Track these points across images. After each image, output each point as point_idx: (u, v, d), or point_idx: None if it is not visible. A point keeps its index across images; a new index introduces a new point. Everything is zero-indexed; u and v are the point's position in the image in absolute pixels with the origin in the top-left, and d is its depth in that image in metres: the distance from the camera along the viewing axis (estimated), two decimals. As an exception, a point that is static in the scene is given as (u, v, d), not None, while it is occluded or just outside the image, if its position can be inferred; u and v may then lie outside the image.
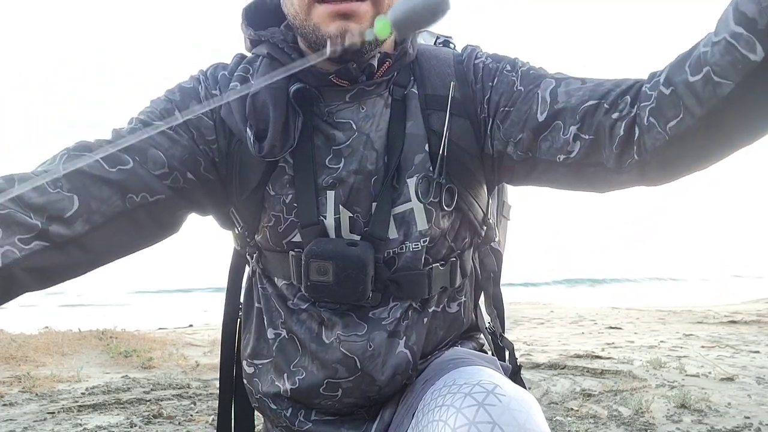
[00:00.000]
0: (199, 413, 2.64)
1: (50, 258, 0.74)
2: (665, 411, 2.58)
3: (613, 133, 0.76)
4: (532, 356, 3.96)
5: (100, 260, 0.81)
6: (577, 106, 0.78)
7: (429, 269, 0.87)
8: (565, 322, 6.46)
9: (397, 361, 0.86)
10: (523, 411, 0.67)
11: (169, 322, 7.21)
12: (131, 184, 0.79)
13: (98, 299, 14.01)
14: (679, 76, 0.69)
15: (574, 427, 2.39)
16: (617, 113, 0.76)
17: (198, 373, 3.52)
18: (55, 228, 0.74)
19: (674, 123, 0.70)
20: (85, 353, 4.00)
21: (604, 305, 8.82)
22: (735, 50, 0.61)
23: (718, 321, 6.00)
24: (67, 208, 0.75)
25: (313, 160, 0.84)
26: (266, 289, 0.91)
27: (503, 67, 0.86)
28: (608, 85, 0.79)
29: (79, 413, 2.62)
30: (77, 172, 0.77)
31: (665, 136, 0.71)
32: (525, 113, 0.82)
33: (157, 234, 0.85)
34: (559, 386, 3.11)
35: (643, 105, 0.73)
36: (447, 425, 0.68)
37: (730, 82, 0.63)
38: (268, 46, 0.85)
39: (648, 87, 0.74)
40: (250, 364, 0.94)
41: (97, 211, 0.77)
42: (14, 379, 3.20)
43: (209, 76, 0.89)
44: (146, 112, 0.85)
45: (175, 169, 0.82)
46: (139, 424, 2.46)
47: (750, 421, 2.43)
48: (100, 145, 0.80)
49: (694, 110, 0.67)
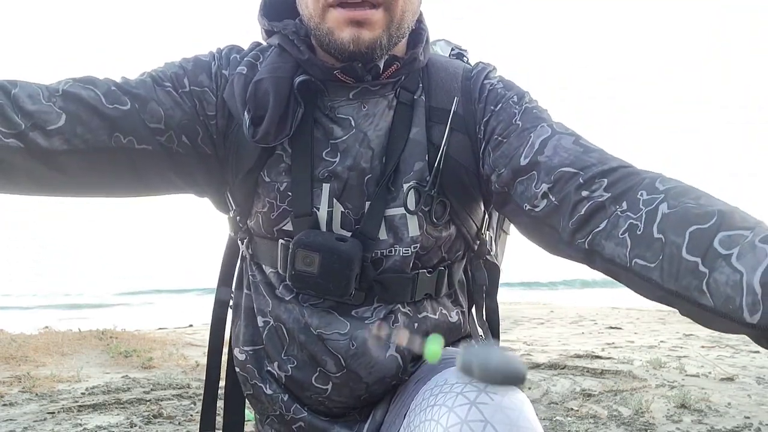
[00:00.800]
0: (199, 413, 2.64)
1: (20, 159, 0.74)
2: (665, 411, 2.58)
3: (576, 209, 0.73)
4: (532, 356, 3.96)
5: (66, 187, 0.81)
6: (555, 168, 0.76)
7: (415, 274, 0.87)
8: (565, 322, 6.46)
9: (388, 365, 0.86)
10: (516, 409, 0.66)
11: (169, 322, 7.22)
12: (122, 124, 0.79)
13: (98, 300, 14.02)
14: (676, 236, 0.62)
15: (574, 427, 2.39)
16: (587, 192, 0.72)
17: (198, 373, 3.52)
18: (34, 135, 0.74)
19: (642, 264, 0.65)
20: (85, 353, 4.01)
21: (604, 305, 8.82)
22: (737, 300, 0.56)
23: (718, 321, 5.99)
24: (51, 122, 0.76)
25: (311, 151, 0.85)
26: (255, 276, 0.92)
27: (510, 96, 0.86)
28: (594, 157, 0.76)
29: (79, 413, 2.62)
30: (75, 95, 0.78)
31: (627, 263, 0.67)
32: (513, 151, 0.81)
33: (131, 185, 0.85)
34: (559, 386, 3.11)
35: (628, 215, 0.68)
36: (439, 424, 0.67)
37: (712, 304, 0.58)
38: (280, 37, 0.86)
39: (643, 199, 0.68)
40: (242, 351, 0.93)
41: (81, 136, 0.77)
42: (14, 379, 3.20)
43: (224, 55, 0.90)
44: (158, 70, 0.86)
45: (171, 129, 0.83)
46: (139, 424, 2.46)
47: (750, 421, 2.43)
48: (106, 84, 0.81)
49: (666, 280, 0.63)
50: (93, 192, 0.84)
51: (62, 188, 0.81)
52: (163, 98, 0.83)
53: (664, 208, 0.66)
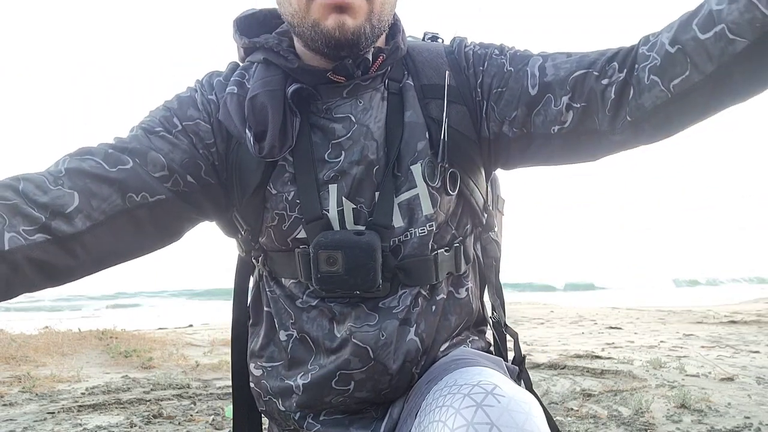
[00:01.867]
0: (199, 413, 2.64)
1: (52, 253, 0.75)
2: (665, 411, 2.58)
3: (605, 97, 0.79)
4: (532, 356, 3.96)
5: (101, 262, 0.81)
6: (566, 77, 0.82)
7: (435, 255, 0.88)
8: (565, 322, 6.46)
9: (407, 348, 0.86)
10: (522, 412, 0.66)
11: (169, 322, 7.22)
12: (131, 184, 0.80)
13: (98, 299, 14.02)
14: (687, 34, 0.72)
15: (574, 427, 2.39)
16: (606, 79, 0.80)
17: (198, 373, 3.52)
18: (57, 223, 0.75)
19: (679, 80, 0.73)
20: (85, 353, 4.01)
21: (604, 305, 8.83)
22: (756, 9, 0.65)
23: (718, 321, 6.00)
24: (68, 204, 0.76)
25: (312, 156, 0.86)
26: (274, 291, 0.92)
27: (491, 52, 0.90)
28: (593, 55, 0.83)
29: (79, 413, 2.62)
30: (78, 170, 0.78)
31: (668, 93, 0.74)
32: (517, 90, 0.85)
33: (158, 238, 0.85)
34: (559, 386, 3.11)
35: (643, 65, 0.76)
36: (446, 426, 0.68)
37: (745, 40, 0.67)
38: (264, 51, 0.87)
39: (645, 48, 0.77)
40: (258, 367, 0.94)
41: (98, 208, 0.78)
42: (14, 379, 3.20)
43: (205, 83, 0.91)
44: (145, 121, 0.87)
45: (175, 172, 0.83)
46: (139, 424, 2.46)
47: (750, 421, 2.43)
48: (102, 149, 0.81)
49: (704, 67, 0.71)
50: (115, 261, 0.83)
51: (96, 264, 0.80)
52: (160, 144, 0.83)
53: (664, 38, 0.75)
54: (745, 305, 8.73)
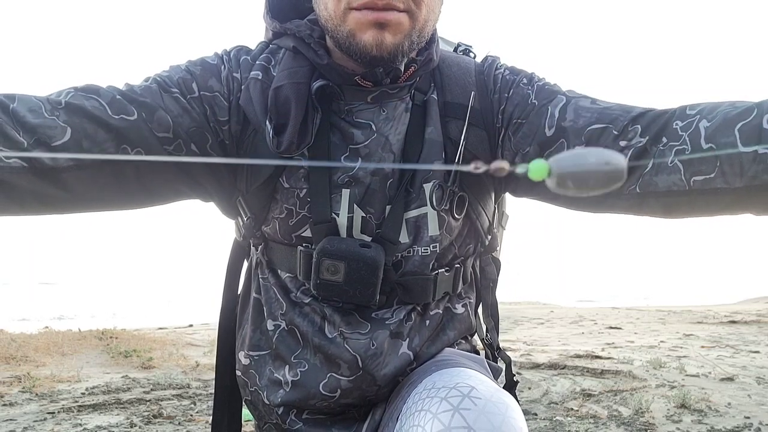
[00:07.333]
0: (199, 413, 2.64)
1: (25, 180, 0.70)
2: (665, 411, 2.58)
3: None
4: (532, 356, 3.95)
5: (73, 205, 0.76)
6: (583, 128, 0.78)
7: (435, 274, 0.88)
8: (565, 322, 6.46)
9: (399, 363, 0.86)
10: (499, 414, 0.67)
11: (169, 322, 7.21)
12: (129, 136, 0.76)
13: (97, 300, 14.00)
14: (727, 137, 0.65)
15: (574, 427, 2.39)
16: (625, 141, 0.74)
17: (198, 373, 3.52)
18: (38, 152, 0.70)
19: (702, 179, 0.67)
20: (85, 353, 4.00)
21: (604, 305, 8.82)
22: None
23: (718, 321, 6.00)
24: (56, 137, 0.71)
25: (329, 157, 0.84)
26: (267, 279, 0.90)
27: (520, 80, 0.86)
28: (617, 110, 0.77)
29: (79, 413, 2.62)
30: (78, 107, 0.73)
31: (686, 185, 0.69)
32: (535, 126, 0.82)
33: (140, 198, 0.81)
34: (559, 386, 3.11)
35: (671, 144, 0.70)
36: (424, 431, 0.68)
37: None
38: (294, 40, 0.84)
39: (680, 126, 0.70)
40: (246, 356, 0.92)
41: (87, 151, 0.73)
42: (14, 379, 3.20)
43: (233, 57, 0.87)
44: (164, 75, 0.82)
45: (180, 138, 0.80)
46: (139, 424, 2.45)
47: (750, 421, 2.43)
48: (109, 93, 0.77)
49: (732, 180, 0.65)
50: (97, 207, 0.80)
51: (65, 206, 0.76)
52: (171, 105, 0.79)
53: (703, 124, 0.68)
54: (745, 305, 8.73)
